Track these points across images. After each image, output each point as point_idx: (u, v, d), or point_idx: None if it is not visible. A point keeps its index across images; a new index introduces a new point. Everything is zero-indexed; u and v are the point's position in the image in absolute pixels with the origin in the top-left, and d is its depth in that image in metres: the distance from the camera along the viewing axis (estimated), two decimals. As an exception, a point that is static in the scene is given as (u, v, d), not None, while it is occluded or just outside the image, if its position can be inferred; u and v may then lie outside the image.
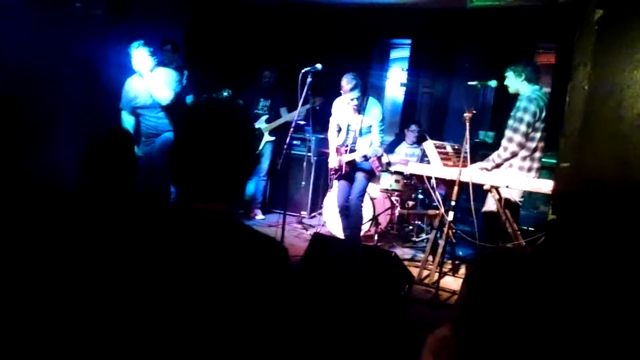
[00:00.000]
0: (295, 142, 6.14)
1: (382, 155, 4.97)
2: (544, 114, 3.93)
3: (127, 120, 4.61)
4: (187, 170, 1.24)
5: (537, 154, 4.02)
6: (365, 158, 4.65)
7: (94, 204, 1.99)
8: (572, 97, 1.65)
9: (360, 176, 4.77)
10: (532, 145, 3.97)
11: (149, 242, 1.24)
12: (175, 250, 1.20)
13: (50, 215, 1.95)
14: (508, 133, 3.98)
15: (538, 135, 3.95)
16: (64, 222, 1.91)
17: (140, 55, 4.21)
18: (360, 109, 4.62)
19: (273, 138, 5.86)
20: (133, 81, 4.46)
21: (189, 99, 5.34)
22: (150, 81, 4.29)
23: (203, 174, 1.23)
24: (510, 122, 3.98)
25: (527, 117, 3.89)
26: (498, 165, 4.07)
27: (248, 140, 1.31)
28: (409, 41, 7.13)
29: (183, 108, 4.59)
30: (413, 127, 6.24)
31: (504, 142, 4.00)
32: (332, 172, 4.93)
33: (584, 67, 1.59)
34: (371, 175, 4.86)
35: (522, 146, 3.95)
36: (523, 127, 3.90)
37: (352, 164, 4.75)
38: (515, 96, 4.09)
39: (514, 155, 3.98)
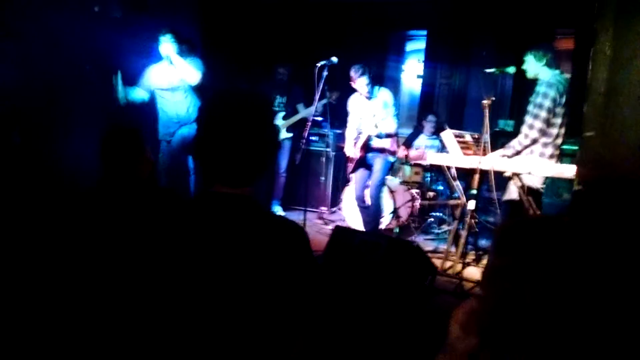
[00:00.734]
0: (313, 137, 6.14)
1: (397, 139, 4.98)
2: (563, 99, 3.86)
3: (138, 94, 4.64)
4: (210, 154, 1.26)
5: (559, 140, 3.96)
6: (381, 135, 4.64)
7: (112, 195, 2.04)
8: (594, 63, 1.62)
9: (378, 165, 4.76)
10: (554, 131, 3.90)
11: (175, 227, 1.26)
12: (201, 234, 1.22)
13: (71, 207, 1.99)
14: (528, 120, 3.90)
15: (559, 121, 3.88)
16: (86, 214, 1.95)
17: (166, 42, 4.44)
18: (371, 96, 4.63)
19: (291, 134, 5.86)
20: (155, 67, 4.64)
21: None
22: (178, 64, 4.46)
23: (227, 158, 1.25)
24: (530, 108, 3.91)
25: (547, 103, 3.81)
26: (518, 152, 4.01)
27: (270, 124, 1.33)
28: (424, 32, 7.09)
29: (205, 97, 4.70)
30: (430, 117, 6.20)
31: (524, 129, 3.94)
32: (350, 164, 4.94)
33: (605, 33, 1.56)
34: (389, 164, 4.84)
35: (543, 132, 3.88)
36: (543, 113, 3.82)
37: (367, 149, 4.74)
38: (534, 82, 4.02)
39: (535, 141, 3.92)
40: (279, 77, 5.87)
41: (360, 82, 4.50)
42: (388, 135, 4.71)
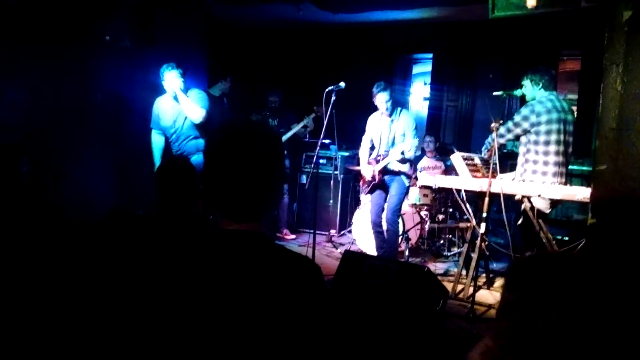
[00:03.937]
0: (321, 160, 6.17)
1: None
2: (554, 116, 3.88)
3: (157, 140, 4.68)
4: (216, 190, 1.24)
5: (560, 158, 3.94)
6: (403, 160, 4.63)
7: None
8: (605, 98, 1.63)
9: (394, 190, 4.72)
10: (551, 149, 3.91)
11: (179, 265, 1.23)
12: (207, 273, 1.19)
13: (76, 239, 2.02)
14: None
15: (553, 137, 3.89)
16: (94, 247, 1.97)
17: (171, 77, 4.34)
18: (391, 117, 4.66)
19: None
20: (161, 101, 4.57)
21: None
22: (182, 101, 4.38)
23: (233, 194, 1.22)
24: None
25: (516, 118, 4.04)
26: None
27: (277, 158, 1.29)
28: (430, 55, 7.15)
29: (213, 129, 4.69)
30: (428, 137, 6.26)
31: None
32: (365, 186, 4.92)
33: (615, 68, 1.57)
34: (406, 188, 4.81)
35: (504, 140, 4.14)
36: (508, 125, 4.06)
37: (385, 173, 4.74)
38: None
39: (499, 148, 4.12)
40: (271, 106, 6.03)
41: (380, 98, 4.54)
42: (406, 160, 4.71)
